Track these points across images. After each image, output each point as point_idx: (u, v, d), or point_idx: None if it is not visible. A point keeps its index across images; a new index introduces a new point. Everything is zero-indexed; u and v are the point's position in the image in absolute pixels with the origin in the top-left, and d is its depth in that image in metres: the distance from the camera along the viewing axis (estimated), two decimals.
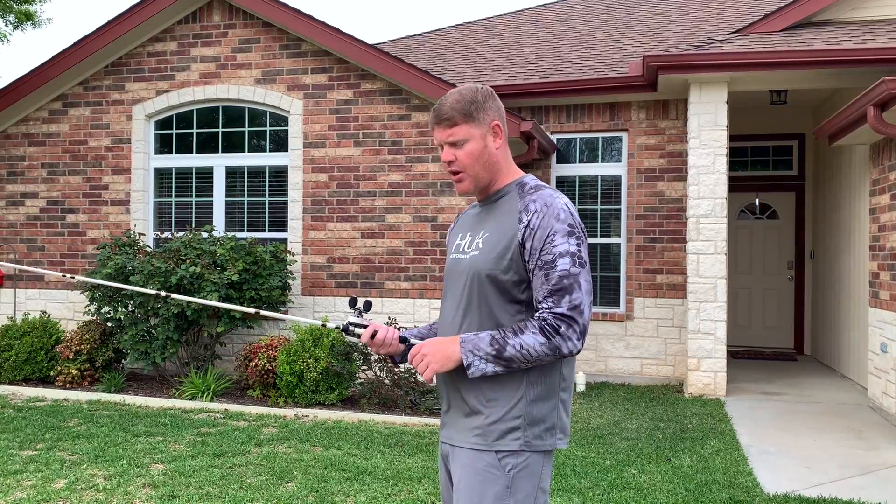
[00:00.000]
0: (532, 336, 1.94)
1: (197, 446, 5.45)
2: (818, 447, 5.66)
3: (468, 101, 2.08)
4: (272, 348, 7.05)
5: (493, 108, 2.12)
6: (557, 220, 1.99)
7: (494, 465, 2.00)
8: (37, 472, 4.86)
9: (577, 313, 1.94)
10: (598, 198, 8.74)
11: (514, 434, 2.00)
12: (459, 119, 2.08)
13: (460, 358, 1.98)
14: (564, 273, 1.95)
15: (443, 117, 2.09)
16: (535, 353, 1.94)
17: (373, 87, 8.10)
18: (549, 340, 1.93)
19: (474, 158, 2.09)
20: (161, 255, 7.40)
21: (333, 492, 4.49)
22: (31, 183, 9.02)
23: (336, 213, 8.21)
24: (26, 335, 7.78)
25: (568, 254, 1.97)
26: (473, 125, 2.08)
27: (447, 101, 2.09)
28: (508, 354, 1.94)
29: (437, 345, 2.02)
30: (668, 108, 8.46)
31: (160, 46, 8.69)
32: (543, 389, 2.03)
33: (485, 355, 1.96)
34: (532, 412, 2.01)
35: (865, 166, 7.71)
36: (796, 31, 8.04)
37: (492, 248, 2.05)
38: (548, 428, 2.03)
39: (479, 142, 2.09)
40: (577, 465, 5.05)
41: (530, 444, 2.00)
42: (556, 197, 2.04)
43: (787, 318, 10.75)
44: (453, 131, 2.08)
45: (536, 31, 11.42)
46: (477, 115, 2.08)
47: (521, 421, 2.00)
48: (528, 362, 1.96)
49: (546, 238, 1.98)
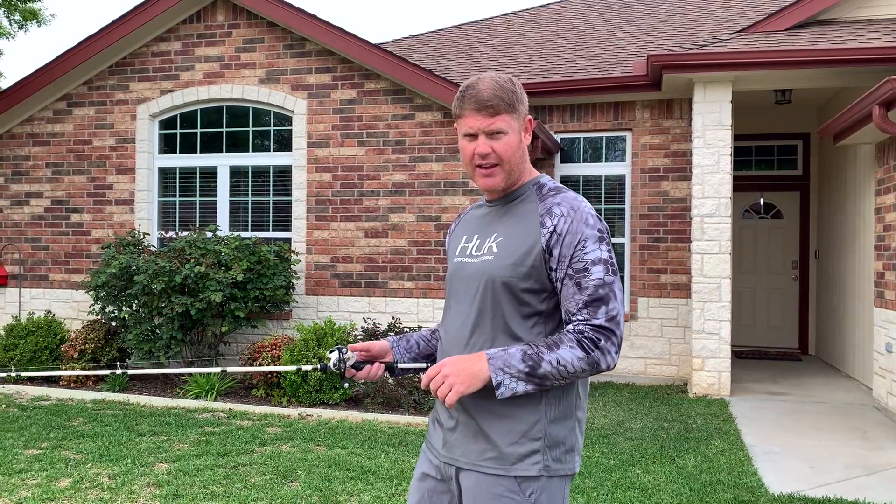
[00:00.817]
0: (569, 350, 1.77)
1: (201, 445, 5.45)
2: (823, 447, 5.64)
3: (509, 91, 1.89)
4: (276, 348, 7.06)
5: (527, 102, 1.97)
6: (587, 225, 1.85)
7: (514, 491, 1.84)
8: (41, 470, 4.87)
9: (614, 324, 1.80)
10: (601, 197, 8.73)
11: (534, 458, 1.85)
12: (503, 108, 1.88)
13: (488, 376, 1.77)
14: (599, 282, 1.81)
15: (486, 104, 1.87)
16: (572, 370, 1.77)
17: (376, 87, 8.10)
18: (589, 355, 1.78)
19: (512, 150, 1.91)
20: (165, 254, 7.41)
21: (337, 491, 4.49)
22: (35, 183, 9.04)
23: (340, 212, 8.21)
24: (31, 334, 7.80)
25: (601, 261, 1.82)
26: (513, 116, 1.90)
27: (486, 88, 1.88)
28: (543, 371, 1.76)
29: (460, 363, 1.80)
30: (672, 107, 8.45)
31: (164, 46, 8.70)
32: (562, 409, 1.89)
33: (516, 373, 1.77)
34: (552, 434, 1.86)
35: (870, 166, 7.69)
36: (801, 31, 8.02)
37: (509, 254, 1.88)
38: (567, 450, 1.89)
39: (516, 135, 1.92)
40: (581, 465, 5.04)
41: (550, 468, 1.85)
42: (581, 200, 1.91)
43: (791, 317, 10.72)
44: (495, 120, 1.88)
45: (540, 30, 11.41)
46: (517, 106, 1.91)
47: (541, 444, 1.85)
48: (564, 379, 1.79)
49: (577, 245, 1.83)
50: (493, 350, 1.82)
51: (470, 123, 1.90)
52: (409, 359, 2.14)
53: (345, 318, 8.16)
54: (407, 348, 2.15)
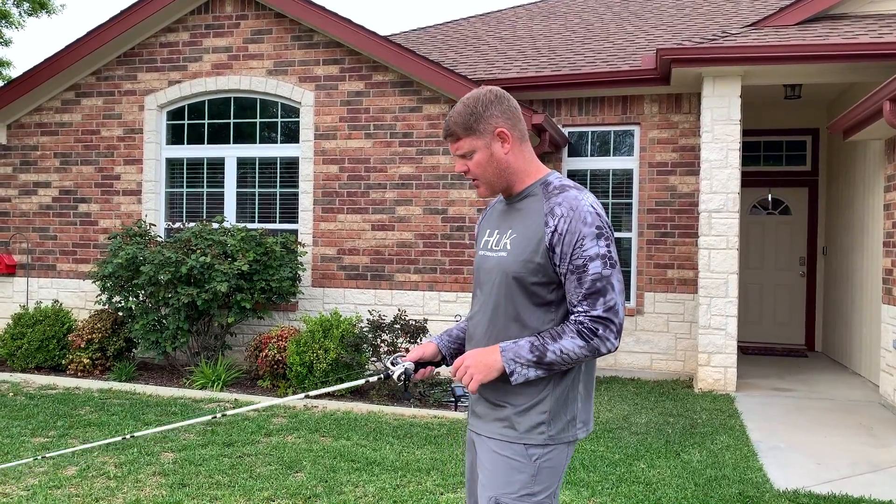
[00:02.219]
0: (571, 340, 2.01)
1: (207, 435, 5.47)
2: (829, 443, 5.63)
3: (468, 114, 2.10)
4: (282, 339, 7.07)
5: (497, 115, 2.11)
6: (585, 224, 2.02)
7: (522, 455, 2.09)
8: (48, 459, 4.89)
9: (612, 314, 2.01)
10: (609, 192, 8.70)
11: (540, 429, 2.09)
12: (461, 133, 2.12)
13: (502, 367, 2.05)
14: (597, 276, 2.01)
15: (447, 133, 2.15)
16: (575, 356, 2.02)
17: (384, 79, 8.09)
18: (588, 343, 2.01)
19: (483, 168, 2.13)
20: (172, 245, 7.42)
21: (342, 482, 4.50)
22: (43, 172, 9.06)
23: (347, 204, 8.21)
24: (38, 324, 7.83)
25: (598, 256, 2.01)
26: (475, 137, 2.11)
27: (451, 116, 2.14)
28: (549, 360, 2.02)
29: (478, 356, 2.08)
30: (681, 101, 8.41)
31: (173, 37, 8.70)
32: (565, 384, 2.11)
33: (526, 362, 2.03)
34: (556, 407, 2.10)
35: (880, 162, 7.64)
36: (812, 25, 7.97)
37: (520, 251, 2.09)
38: (570, 420, 2.13)
39: (485, 151, 2.12)
40: (586, 459, 5.04)
41: (554, 437, 2.10)
42: (581, 198, 2.06)
43: (798, 314, 10.68)
44: (458, 145, 2.14)
45: (549, 23, 11.37)
46: (477, 127, 2.10)
47: (547, 416, 2.09)
48: (569, 364, 2.04)
49: (575, 243, 2.02)
50: (506, 343, 2.07)
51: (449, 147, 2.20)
52: (454, 350, 2.40)
53: (351, 310, 8.17)
54: (450, 341, 2.42)
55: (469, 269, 7.93)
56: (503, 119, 2.11)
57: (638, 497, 4.34)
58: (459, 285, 7.94)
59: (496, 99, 2.12)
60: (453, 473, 4.68)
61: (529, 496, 2.08)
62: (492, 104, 2.11)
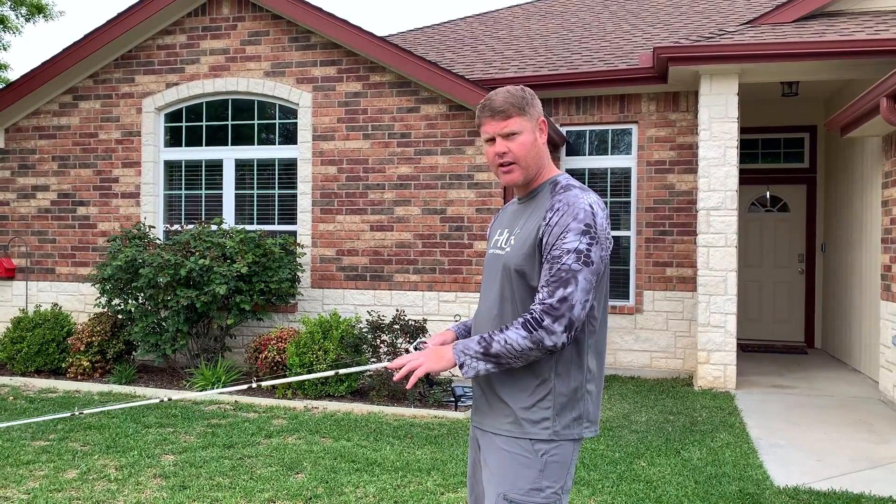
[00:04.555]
0: (515, 331, 2.01)
1: (207, 437, 5.48)
2: (829, 440, 5.64)
3: (519, 97, 2.17)
4: (282, 340, 7.07)
5: (539, 106, 2.23)
6: (575, 218, 2.04)
7: (529, 451, 2.11)
8: (49, 462, 4.89)
9: (565, 306, 1.98)
10: (607, 190, 8.71)
11: (545, 423, 2.10)
12: (514, 112, 2.16)
13: (453, 358, 2.07)
14: (566, 267, 2.00)
15: (498, 110, 2.16)
16: (518, 348, 2.00)
17: (382, 80, 8.09)
18: (531, 334, 1.99)
19: (527, 149, 2.17)
20: (171, 247, 7.42)
21: (343, 483, 4.50)
22: (42, 176, 9.06)
23: (345, 205, 8.21)
24: (38, 327, 7.83)
25: (575, 251, 2.01)
26: (525, 118, 2.17)
27: (498, 97, 2.17)
28: (495, 351, 2.01)
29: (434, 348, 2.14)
30: (678, 99, 8.42)
31: (170, 39, 8.70)
32: (572, 382, 2.12)
33: (474, 354, 2.04)
34: (560, 403, 2.11)
35: (878, 158, 7.65)
36: (808, 22, 7.98)
37: (521, 245, 2.13)
38: (575, 418, 2.13)
39: (531, 134, 2.18)
40: (586, 457, 5.04)
41: (559, 433, 2.11)
42: (582, 197, 2.09)
43: (797, 311, 10.69)
44: (507, 123, 2.16)
45: (546, 22, 11.37)
46: (528, 110, 2.18)
47: (551, 412, 2.10)
48: (516, 358, 2.02)
49: (560, 234, 2.04)
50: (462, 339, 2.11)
51: (487, 129, 2.19)
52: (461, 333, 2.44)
53: (350, 311, 8.18)
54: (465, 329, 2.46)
55: (468, 268, 7.94)
56: (542, 113, 2.24)
57: (638, 495, 4.35)
58: (458, 285, 7.94)
59: (533, 95, 2.24)
60: (454, 473, 4.69)
61: (537, 491, 2.10)
62: (535, 96, 2.23)
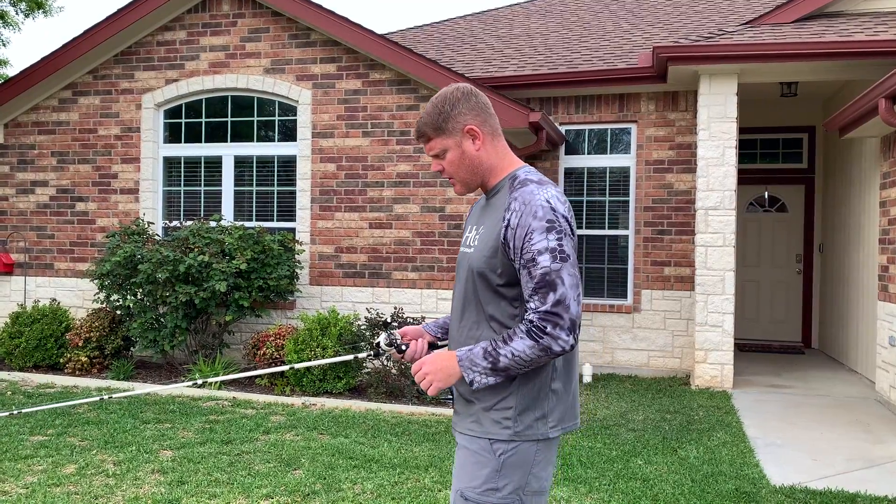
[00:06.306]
0: (521, 341, 1.96)
1: (205, 433, 5.49)
2: (825, 440, 5.65)
3: (436, 114, 2.11)
4: (280, 337, 7.08)
5: (465, 112, 2.11)
6: (535, 217, 1.98)
7: (487, 450, 2.08)
8: (47, 457, 4.90)
9: (562, 308, 1.94)
10: (606, 189, 8.72)
11: (505, 423, 2.07)
12: (430, 133, 2.13)
13: (459, 373, 2.05)
14: (546, 270, 1.96)
15: (418, 134, 2.16)
16: (527, 358, 1.97)
17: (381, 78, 8.10)
18: (538, 342, 1.95)
19: (456, 166, 2.14)
20: (170, 243, 7.43)
21: (341, 479, 4.52)
22: (41, 171, 9.06)
23: (344, 203, 8.22)
24: (36, 322, 7.84)
25: (547, 250, 1.97)
26: (444, 136, 2.12)
27: (421, 117, 2.15)
28: (503, 365, 1.98)
29: (437, 362, 2.08)
30: (677, 99, 8.43)
31: (169, 35, 8.70)
32: (535, 381, 2.07)
33: (482, 370, 2.01)
34: (522, 403, 2.07)
35: (876, 159, 7.67)
36: (808, 23, 7.99)
37: (484, 246, 2.09)
38: (538, 417, 2.08)
39: (456, 150, 2.12)
40: (583, 456, 5.06)
41: (520, 434, 2.07)
42: (537, 193, 2.02)
43: (795, 311, 10.72)
44: (430, 146, 2.15)
45: (546, 21, 11.38)
46: (445, 126, 2.11)
47: (512, 412, 2.06)
48: (526, 366, 1.99)
49: (525, 237, 1.98)
50: (461, 351, 2.06)
51: None
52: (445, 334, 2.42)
53: (349, 308, 8.18)
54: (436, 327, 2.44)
55: None
56: (472, 116, 2.12)
57: (635, 493, 4.36)
58: None
59: (463, 96, 2.12)
60: (451, 470, 4.70)
61: (493, 491, 2.06)
62: (459, 102, 2.11)
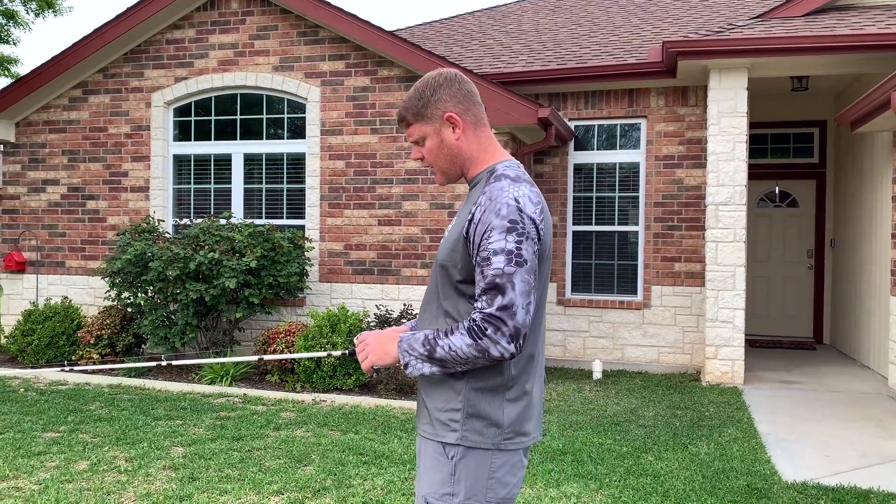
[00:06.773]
0: (460, 337, 1.87)
1: (216, 430, 5.51)
2: (837, 436, 5.62)
3: (416, 99, 2.02)
4: (290, 334, 7.10)
5: (446, 98, 2.01)
6: (497, 215, 1.87)
7: (440, 452, 1.99)
8: (59, 453, 4.94)
9: (506, 315, 1.83)
10: (616, 185, 8.70)
11: (453, 426, 1.97)
12: (410, 118, 2.05)
13: (398, 356, 1.98)
14: (498, 272, 1.84)
15: (399, 118, 2.08)
16: (463, 355, 1.87)
17: (390, 74, 8.09)
18: (476, 343, 1.85)
19: (434, 154, 2.05)
20: (180, 241, 7.46)
21: (351, 475, 4.53)
22: (52, 170, 9.11)
23: (353, 200, 8.23)
24: (48, 320, 7.88)
25: (503, 251, 1.85)
26: (423, 123, 2.03)
27: (403, 101, 2.07)
28: (439, 355, 1.90)
29: (379, 338, 2.03)
30: (687, 94, 8.39)
31: (179, 34, 8.72)
32: (486, 386, 1.96)
33: (419, 355, 1.93)
34: (472, 406, 1.96)
35: (888, 153, 7.61)
36: (819, 16, 7.93)
37: (450, 237, 2.01)
38: (490, 424, 1.96)
39: (435, 138, 2.03)
40: (593, 452, 5.05)
41: (467, 438, 1.96)
42: (507, 189, 1.91)
43: (806, 306, 10.66)
44: (409, 131, 2.06)
45: (554, 17, 11.35)
46: (425, 112, 2.02)
47: (459, 415, 1.96)
48: (462, 363, 1.89)
49: (483, 234, 1.88)
50: (406, 333, 1.99)
51: None
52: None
53: (358, 305, 8.20)
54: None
55: None
56: (453, 103, 2.01)
57: (646, 489, 4.35)
58: None
59: (445, 82, 2.01)
60: None
61: (450, 496, 1.96)
62: (440, 88, 2.01)
